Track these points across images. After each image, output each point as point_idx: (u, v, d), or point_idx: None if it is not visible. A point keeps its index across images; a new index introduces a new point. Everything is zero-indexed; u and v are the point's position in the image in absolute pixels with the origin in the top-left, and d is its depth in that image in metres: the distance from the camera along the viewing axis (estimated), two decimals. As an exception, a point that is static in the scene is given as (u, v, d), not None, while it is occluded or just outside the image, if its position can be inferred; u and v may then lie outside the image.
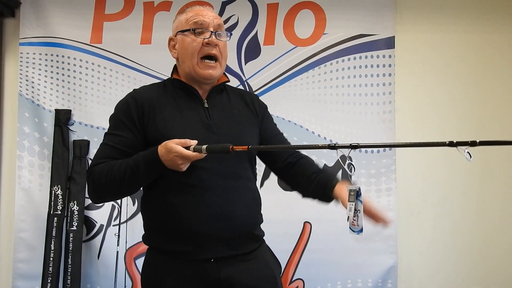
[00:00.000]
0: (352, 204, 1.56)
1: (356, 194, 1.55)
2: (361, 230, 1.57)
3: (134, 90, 1.80)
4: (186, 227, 1.63)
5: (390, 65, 3.34)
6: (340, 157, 1.49)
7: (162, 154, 1.56)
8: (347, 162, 1.50)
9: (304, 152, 1.93)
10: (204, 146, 1.54)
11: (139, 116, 1.69)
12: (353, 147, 1.47)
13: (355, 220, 1.57)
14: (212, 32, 1.73)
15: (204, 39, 1.72)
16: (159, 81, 1.94)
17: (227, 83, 1.87)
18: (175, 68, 1.84)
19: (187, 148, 1.55)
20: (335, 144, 1.50)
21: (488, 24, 3.43)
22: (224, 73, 1.86)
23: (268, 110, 1.95)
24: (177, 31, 1.78)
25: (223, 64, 1.78)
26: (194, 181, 1.64)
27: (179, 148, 1.54)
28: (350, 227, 1.58)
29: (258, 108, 1.87)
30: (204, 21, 1.73)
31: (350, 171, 1.54)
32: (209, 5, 3.32)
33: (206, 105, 1.75)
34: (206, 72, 1.73)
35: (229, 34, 1.80)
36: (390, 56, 3.34)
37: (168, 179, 1.65)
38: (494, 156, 3.39)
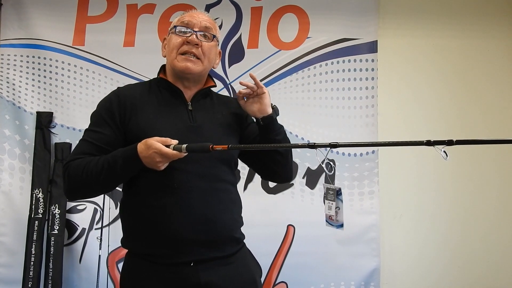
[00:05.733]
0: (332, 203, 1.57)
1: (336, 194, 1.57)
2: (341, 225, 1.58)
3: (118, 88, 1.79)
4: (165, 230, 1.62)
5: (373, 69, 3.37)
6: (321, 160, 1.50)
7: (141, 150, 1.55)
8: (326, 161, 1.51)
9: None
10: (184, 145, 1.54)
11: (120, 114, 1.68)
12: (332, 146, 1.48)
13: (333, 216, 1.58)
14: (194, 31, 1.73)
15: (186, 37, 1.73)
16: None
17: (213, 88, 1.86)
18: (162, 68, 1.84)
19: (167, 146, 1.54)
20: (314, 143, 1.50)
21: (468, 31, 3.49)
22: (211, 78, 1.86)
23: None
24: (169, 30, 1.80)
25: (206, 63, 1.77)
26: (174, 183, 1.62)
27: (159, 145, 1.53)
28: (327, 221, 1.60)
29: (244, 116, 1.87)
30: (190, 21, 1.75)
31: (330, 170, 1.55)
32: (193, 9, 3.34)
33: (190, 108, 1.74)
34: (183, 64, 1.72)
35: (214, 37, 1.78)
36: (373, 60, 3.37)
37: (148, 180, 1.64)
38: (479, 160, 3.44)
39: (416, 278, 3.43)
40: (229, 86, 3.37)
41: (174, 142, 1.56)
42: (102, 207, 3.16)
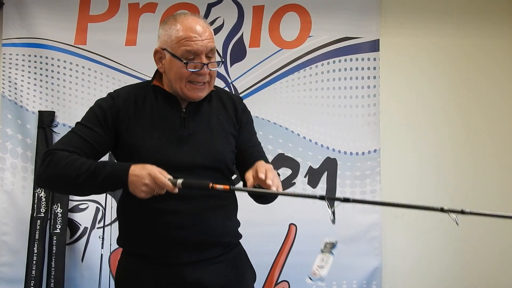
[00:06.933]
0: (326, 256, 1.58)
1: (332, 247, 1.57)
2: (321, 279, 1.62)
3: (115, 90, 1.79)
4: (154, 233, 1.66)
5: (374, 68, 3.37)
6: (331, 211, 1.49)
7: (135, 168, 1.54)
8: (332, 209, 1.52)
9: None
10: (180, 181, 1.52)
11: (113, 117, 1.69)
12: (344, 200, 1.49)
13: (317, 270, 1.60)
14: (204, 64, 1.66)
15: (194, 70, 1.66)
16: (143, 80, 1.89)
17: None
18: (157, 72, 1.81)
19: None
20: (324, 195, 1.51)
21: (470, 30, 3.48)
22: None
23: (252, 114, 1.92)
24: (165, 48, 1.70)
25: (212, 84, 1.76)
26: None
27: (155, 171, 1.52)
28: (309, 276, 1.61)
29: (240, 116, 1.83)
30: (198, 49, 1.65)
31: (333, 221, 1.55)
32: (195, 8, 3.33)
33: (183, 115, 1.73)
34: (194, 94, 1.70)
35: (220, 61, 1.74)
36: (374, 59, 3.37)
37: None
38: (481, 157, 3.43)
39: (418, 277, 3.43)
40: (230, 85, 3.37)
41: (169, 176, 1.54)
42: (104, 206, 3.17)
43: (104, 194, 3.09)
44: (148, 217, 1.66)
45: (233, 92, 3.31)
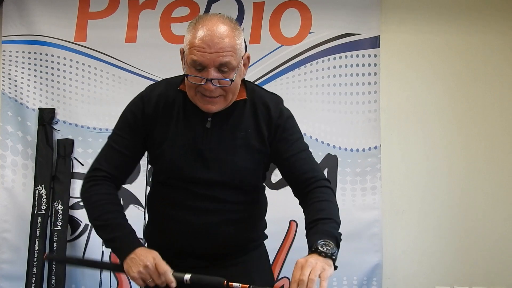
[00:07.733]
0: None
1: None
2: None
3: (146, 90, 1.71)
4: (165, 239, 1.70)
5: (375, 64, 3.36)
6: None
7: (142, 249, 1.55)
8: None
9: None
10: (188, 276, 1.49)
11: (143, 123, 1.66)
12: None
13: None
14: (208, 80, 1.51)
15: (195, 83, 1.54)
16: (179, 75, 1.73)
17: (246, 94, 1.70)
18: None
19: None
20: None
21: (471, 26, 3.46)
22: (245, 87, 1.70)
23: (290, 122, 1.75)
24: (184, 51, 1.59)
25: (230, 98, 1.60)
26: (180, 199, 1.65)
27: (161, 261, 1.51)
28: None
29: (276, 126, 1.67)
30: (203, 61, 1.51)
31: None
32: (195, 4, 3.32)
33: (208, 125, 1.63)
34: (204, 106, 1.58)
35: (233, 77, 1.56)
36: (375, 56, 3.36)
37: (161, 193, 1.72)
38: (477, 155, 3.43)
39: (419, 273, 3.43)
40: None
41: (171, 270, 1.52)
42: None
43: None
44: (162, 221, 1.71)
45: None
